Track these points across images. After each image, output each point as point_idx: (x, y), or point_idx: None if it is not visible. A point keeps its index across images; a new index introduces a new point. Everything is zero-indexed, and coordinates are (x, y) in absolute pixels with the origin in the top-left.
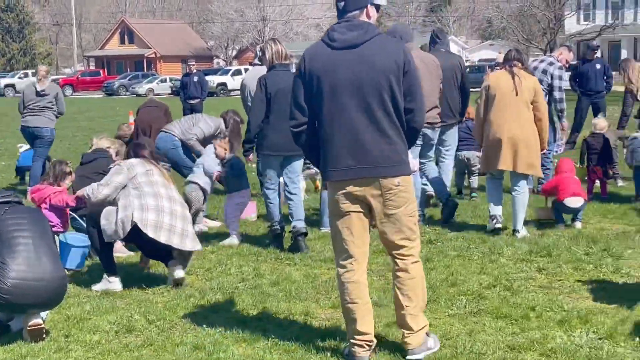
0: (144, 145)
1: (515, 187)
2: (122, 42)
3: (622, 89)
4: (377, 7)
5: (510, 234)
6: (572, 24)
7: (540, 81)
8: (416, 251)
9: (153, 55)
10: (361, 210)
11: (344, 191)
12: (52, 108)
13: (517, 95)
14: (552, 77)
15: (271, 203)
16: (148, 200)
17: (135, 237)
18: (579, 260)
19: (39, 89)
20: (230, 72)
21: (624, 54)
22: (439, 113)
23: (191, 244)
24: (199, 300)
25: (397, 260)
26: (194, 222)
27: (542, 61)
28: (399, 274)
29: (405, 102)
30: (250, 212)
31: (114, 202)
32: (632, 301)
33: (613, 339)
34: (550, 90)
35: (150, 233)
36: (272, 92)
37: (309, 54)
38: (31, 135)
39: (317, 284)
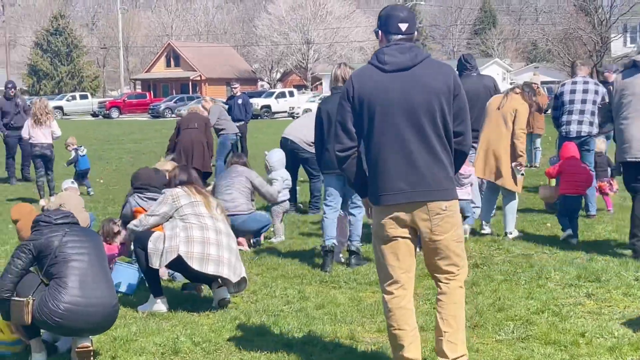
0: (189, 175)
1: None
2: (168, 65)
3: None
4: None
5: (559, 259)
6: (618, 47)
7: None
8: (462, 277)
9: (198, 78)
10: (408, 235)
11: (392, 215)
12: None
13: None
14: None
15: (327, 218)
16: (194, 232)
17: (180, 267)
18: (628, 286)
19: None
20: (275, 94)
21: None
22: None
23: (236, 276)
24: (244, 323)
25: (441, 284)
26: None
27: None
28: (441, 297)
29: (455, 125)
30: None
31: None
32: None
33: None
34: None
35: (195, 266)
36: (324, 115)
37: (357, 77)
38: None
39: (363, 307)
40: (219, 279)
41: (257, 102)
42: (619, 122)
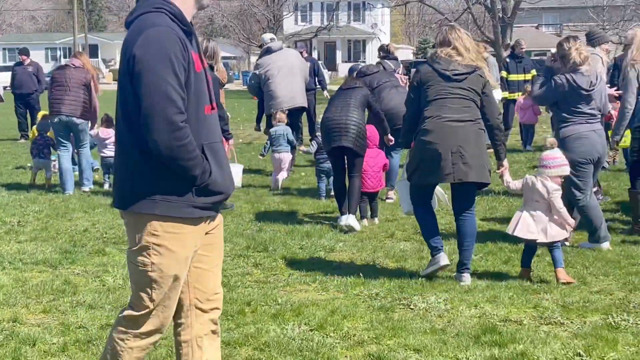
0: None
1: None
2: None
3: None
4: None
5: (230, 231)
6: (290, 25)
7: None
8: (133, 332)
9: None
10: None
11: None
12: None
13: None
14: None
15: None
16: None
17: None
18: (293, 254)
19: None
20: None
21: (339, 55)
22: None
23: None
24: None
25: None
26: None
27: None
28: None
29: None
30: None
31: None
32: (341, 292)
33: (323, 330)
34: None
35: None
36: None
37: None
38: None
39: (28, 287)
40: None
41: None
42: None
